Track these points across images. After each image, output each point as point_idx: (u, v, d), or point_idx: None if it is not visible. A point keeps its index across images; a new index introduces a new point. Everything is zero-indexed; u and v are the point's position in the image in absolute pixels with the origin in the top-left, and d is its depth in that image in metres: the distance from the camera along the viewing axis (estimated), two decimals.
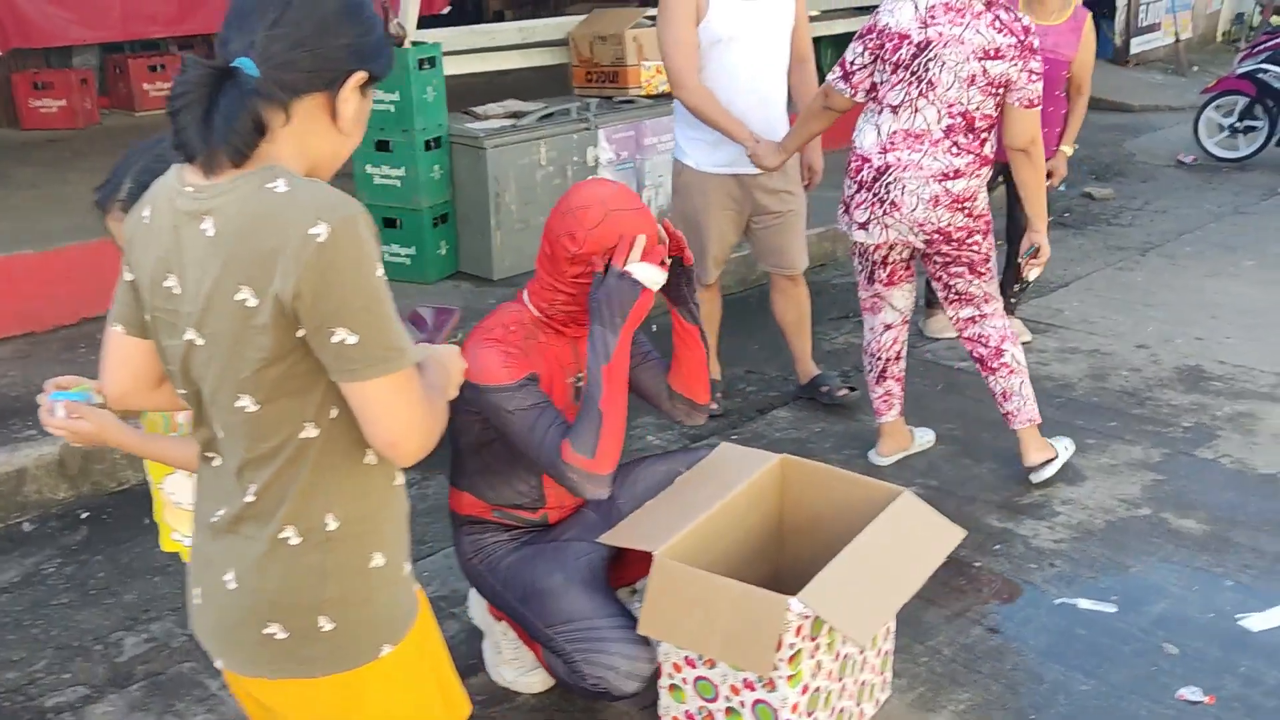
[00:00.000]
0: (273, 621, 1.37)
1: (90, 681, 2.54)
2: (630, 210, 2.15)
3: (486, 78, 5.70)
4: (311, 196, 1.26)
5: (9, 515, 3.25)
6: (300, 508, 1.35)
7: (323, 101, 1.34)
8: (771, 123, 3.66)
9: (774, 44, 3.63)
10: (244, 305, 1.27)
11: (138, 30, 7.05)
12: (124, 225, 1.45)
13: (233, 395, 1.31)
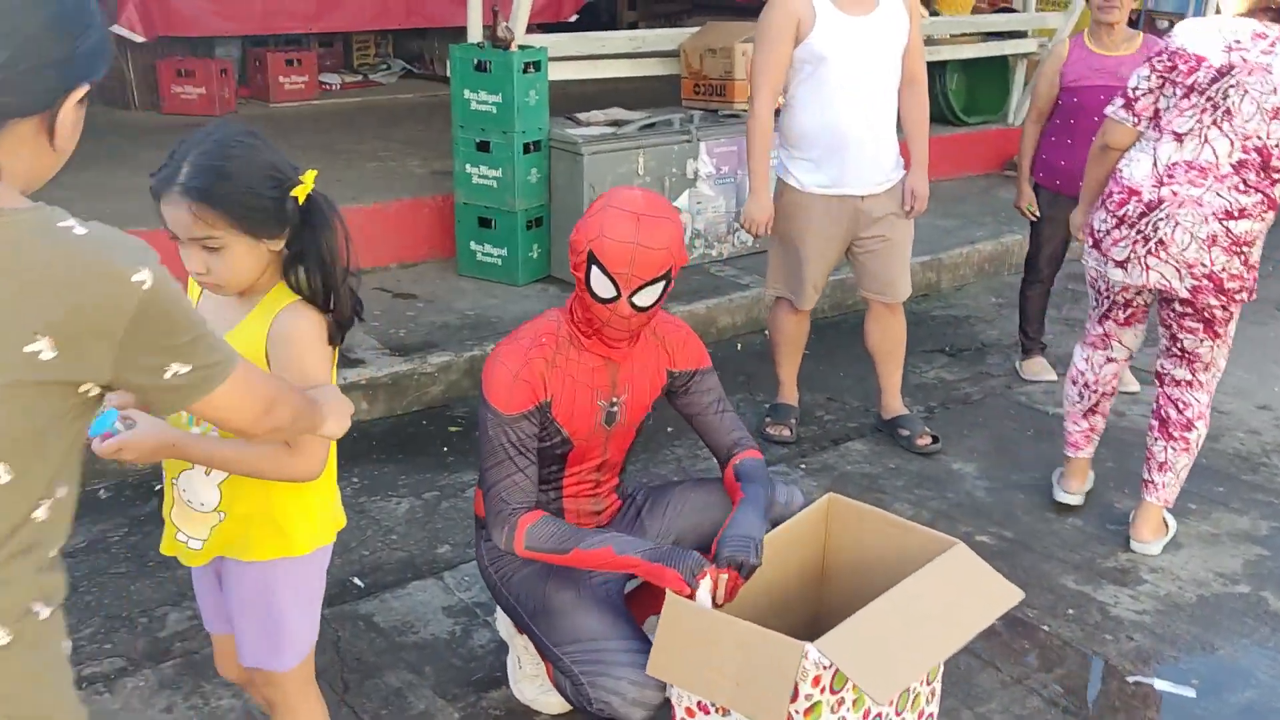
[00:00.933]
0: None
1: (128, 654, 2.61)
2: (627, 212, 2.10)
3: (604, 84, 5.71)
4: (116, 243, 1.18)
5: (88, 481, 3.36)
6: (10, 599, 1.19)
7: (37, 123, 1.20)
8: (879, 147, 3.55)
9: (883, 65, 3.50)
10: (36, 358, 1.12)
11: (277, 25, 7.35)
12: None
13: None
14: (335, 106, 7.52)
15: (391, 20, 7.95)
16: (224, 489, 1.79)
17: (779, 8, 3.42)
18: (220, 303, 1.78)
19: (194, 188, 1.64)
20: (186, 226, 1.67)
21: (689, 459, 3.73)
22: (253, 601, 1.87)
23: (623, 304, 2.13)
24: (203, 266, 1.69)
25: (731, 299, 4.90)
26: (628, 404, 2.30)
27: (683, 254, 2.19)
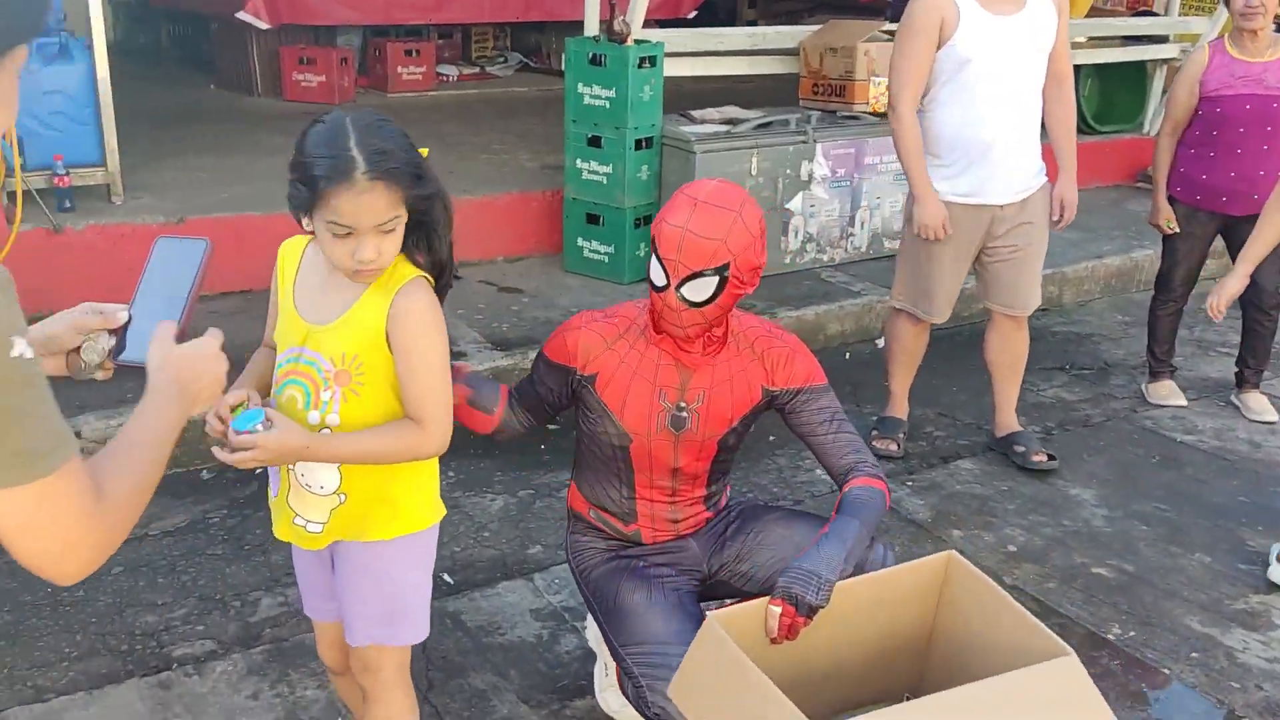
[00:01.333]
0: None
1: (219, 637, 2.62)
2: (694, 203, 1.99)
3: (721, 81, 5.61)
4: None
5: (191, 461, 3.42)
6: None
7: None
8: (1023, 153, 3.38)
9: (1029, 66, 3.33)
10: None
11: (398, 16, 7.45)
12: None
13: None
14: (451, 97, 7.58)
15: (510, 13, 7.98)
16: (343, 472, 1.80)
17: (921, 8, 3.27)
18: (326, 285, 1.77)
19: (383, 171, 1.64)
20: (377, 212, 1.66)
21: (790, 469, 3.61)
22: (373, 580, 1.87)
23: (670, 294, 2.00)
24: (375, 252, 1.68)
25: (842, 306, 4.75)
26: (702, 414, 2.15)
27: (750, 255, 2.00)
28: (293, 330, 1.81)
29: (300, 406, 1.76)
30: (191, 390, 1.32)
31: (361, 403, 1.76)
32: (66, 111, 4.19)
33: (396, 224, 1.70)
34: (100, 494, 1.10)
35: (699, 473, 2.24)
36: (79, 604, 2.71)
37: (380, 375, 1.77)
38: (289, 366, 1.80)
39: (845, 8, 7.79)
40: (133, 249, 4.19)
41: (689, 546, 2.27)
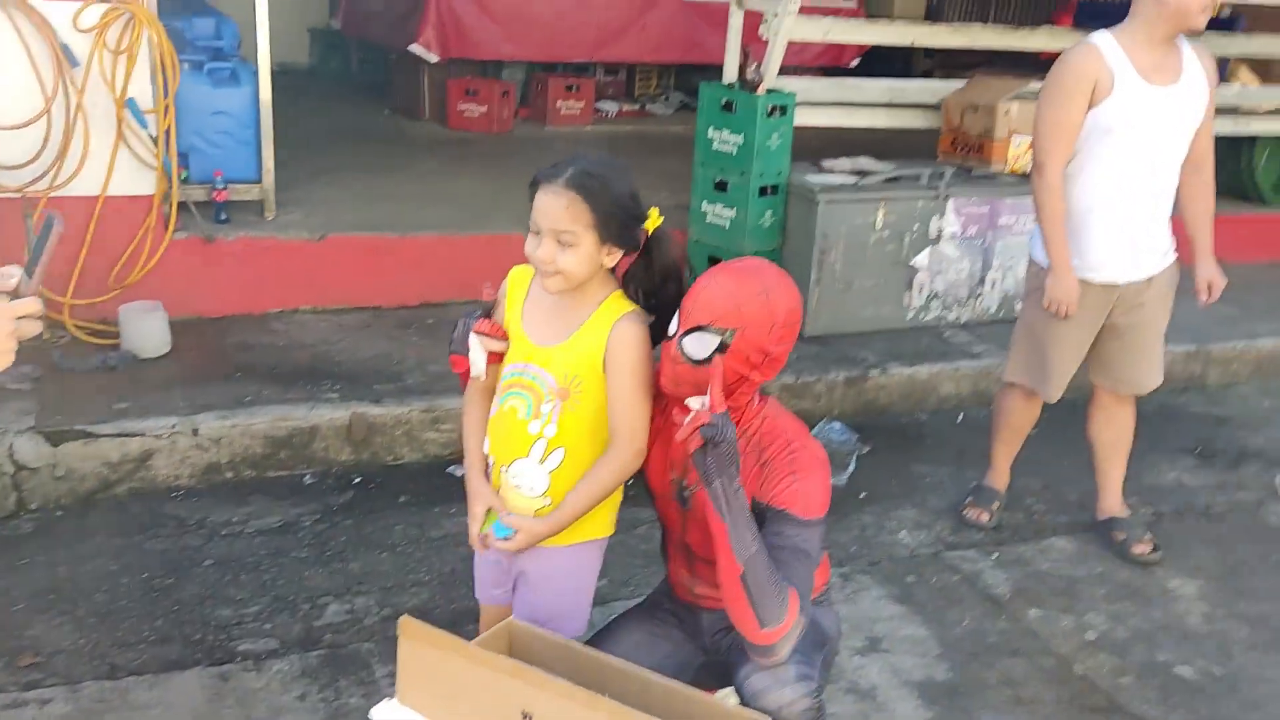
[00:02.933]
0: None
1: (282, 637, 2.77)
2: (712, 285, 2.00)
3: (863, 132, 5.56)
4: None
5: (296, 466, 3.64)
6: None
7: None
8: (1160, 229, 3.23)
9: (1175, 141, 3.16)
10: None
11: (560, 53, 7.71)
12: None
13: None
14: (607, 133, 7.77)
15: (670, 54, 8.13)
16: (553, 477, 2.08)
17: (1072, 69, 3.10)
18: (553, 313, 2.08)
19: (577, 183, 1.95)
20: (556, 216, 1.95)
21: (874, 528, 3.53)
22: (563, 578, 2.16)
23: (673, 342, 1.99)
24: (550, 256, 1.97)
25: (958, 367, 4.62)
26: (702, 500, 2.04)
27: (761, 334, 1.95)
28: (518, 348, 2.09)
29: (521, 416, 2.08)
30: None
31: (576, 416, 2.04)
32: (231, 131, 4.54)
33: (576, 240, 1.97)
34: None
35: (710, 560, 2.14)
36: (168, 590, 2.93)
37: (593, 393, 2.04)
38: (514, 379, 2.08)
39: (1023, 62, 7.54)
40: (276, 261, 4.50)
41: (701, 619, 2.26)
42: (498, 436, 2.14)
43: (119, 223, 4.06)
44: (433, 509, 3.48)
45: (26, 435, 3.28)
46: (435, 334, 4.45)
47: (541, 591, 2.18)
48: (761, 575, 1.88)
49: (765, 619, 1.88)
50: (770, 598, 1.88)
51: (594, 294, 2.07)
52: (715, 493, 1.89)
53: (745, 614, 1.90)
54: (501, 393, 2.12)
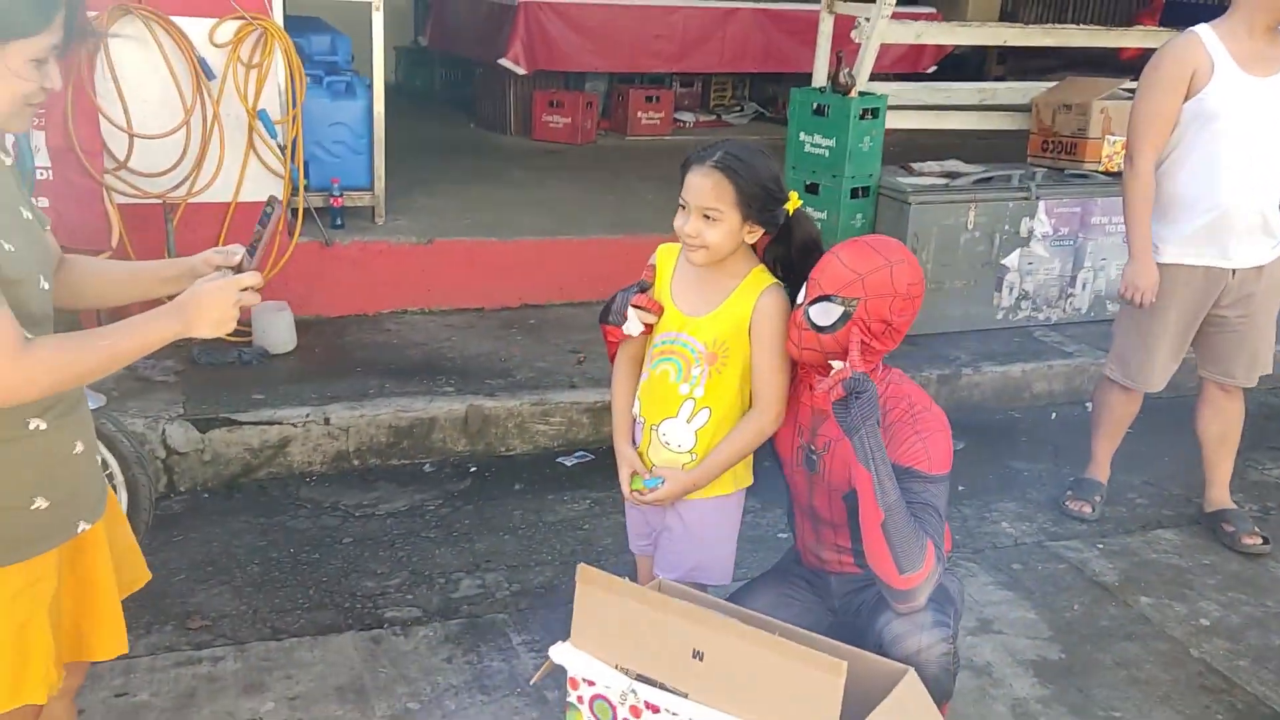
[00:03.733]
0: None
1: (424, 607, 2.94)
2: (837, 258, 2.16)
3: (951, 135, 5.64)
4: None
5: (416, 456, 3.82)
6: None
7: None
8: (1265, 218, 3.27)
9: (1275, 130, 3.20)
10: None
11: (643, 64, 7.89)
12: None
13: None
14: (684, 142, 7.91)
15: (748, 64, 8.27)
16: (700, 434, 2.25)
17: (1173, 57, 3.18)
18: (701, 285, 2.25)
19: (723, 164, 2.13)
20: (704, 193, 2.13)
21: (975, 519, 3.61)
22: (708, 528, 2.34)
23: (800, 310, 2.16)
24: (695, 230, 2.15)
25: (1051, 365, 4.67)
26: (828, 463, 2.25)
27: (883, 304, 2.09)
28: (669, 318, 2.27)
29: (672, 379, 2.25)
30: (191, 315, 1.63)
31: (721, 379, 2.22)
32: (346, 141, 4.77)
33: (720, 216, 2.12)
34: (24, 348, 1.48)
35: (837, 523, 2.31)
36: (314, 564, 3.12)
37: (738, 358, 2.22)
38: (665, 347, 2.27)
39: (1101, 66, 7.57)
40: (387, 264, 4.71)
41: (829, 581, 2.38)
42: (649, 399, 2.31)
43: (248, 227, 4.28)
44: (546, 496, 3.64)
45: (177, 422, 3.50)
46: (538, 333, 4.62)
47: (687, 542, 2.33)
48: (901, 523, 2.00)
49: (904, 565, 2.00)
50: (910, 544, 2.00)
51: (738, 268, 2.23)
52: (859, 443, 2.02)
53: (885, 560, 2.02)
54: (653, 359, 2.30)
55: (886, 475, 2.03)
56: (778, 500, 2.80)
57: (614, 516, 3.49)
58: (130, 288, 1.84)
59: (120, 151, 4.00)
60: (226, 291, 1.65)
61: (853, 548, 2.32)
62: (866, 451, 2.03)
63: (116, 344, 1.59)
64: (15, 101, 1.52)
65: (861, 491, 2.04)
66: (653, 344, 2.31)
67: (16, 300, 1.51)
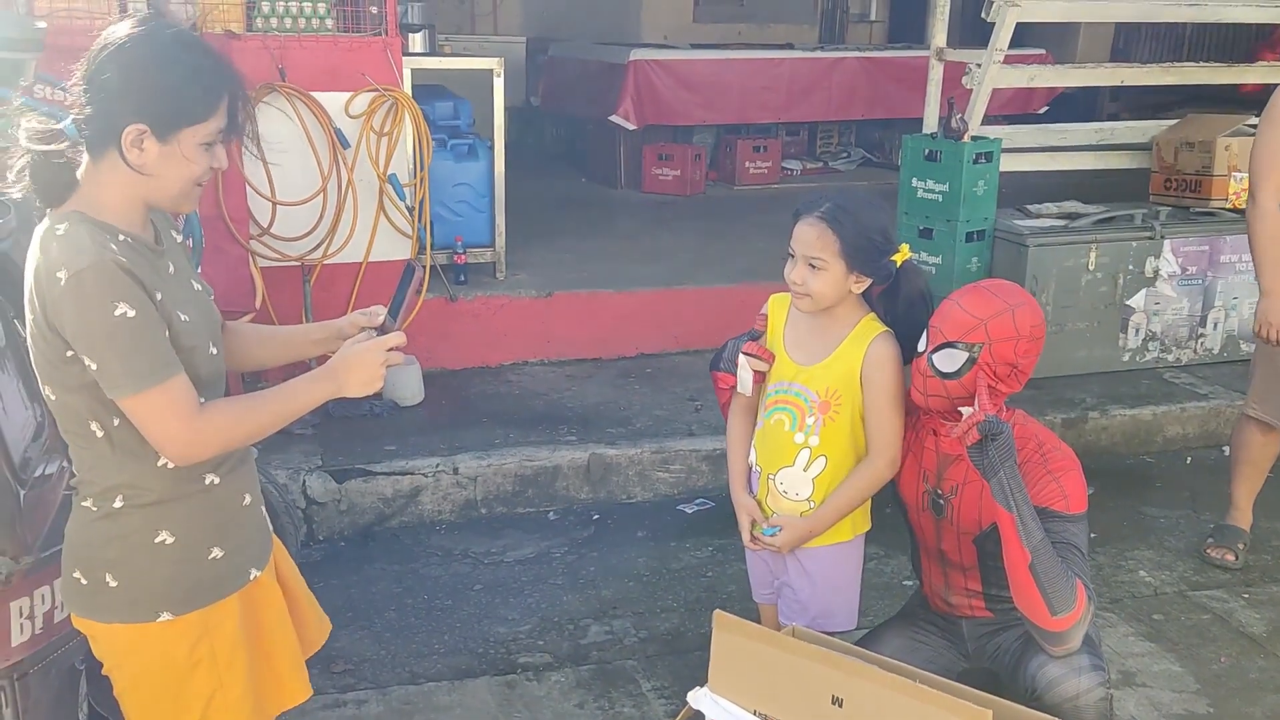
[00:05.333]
0: (77, 568, 1.70)
1: (555, 652, 3.00)
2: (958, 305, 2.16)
3: (1069, 175, 5.57)
4: (66, 244, 1.54)
5: (541, 504, 3.91)
6: (96, 487, 1.67)
7: (115, 153, 1.58)
8: None
9: None
10: (29, 317, 1.61)
11: (750, 116, 8.00)
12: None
13: (42, 382, 1.65)
14: (792, 190, 7.96)
15: (855, 112, 8.31)
16: (817, 482, 2.27)
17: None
18: (812, 335, 2.29)
19: (830, 216, 2.17)
20: (809, 243, 2.18)
21: (1111, 568, 3.51)
22: (829, 575, 2.34)
23: (923, 359, 2.17)
24: (801, 279, 2.20)
25: (1184, 408, 4.53)
26: (957, 507, 2.24)
27: (1007, 348, 2.10)
28: (782, 368, 2.31)
29: (787, 429, 2.29)
30: (342, 377, 1.73)
31: (836, 427, 2.25)
32: (469, 200, 4.96)
33: (825, 266, 2.16)
34: (201, 411, 1.61)
35: (966, 566, 2.30)
36: (448, 610, 3.21)
37: (851, 406, 2.24)
38: (779, 396, 2.31)
39: (1222, 101, 7.37)
40: (508, 317, 4.86)
41: (959, 625, 2.36)
42: (765, 447, 2.34)
43: (379, 285, 4.49)
44: (669, 543, 3.68)
45: (316, 474, 3.67)
46: (655, 382, 4.69)
47: (809, 589, 2.35)
48: (1049, 563, 1.98)
49: (1056, 606, 1.98)
50: (1059, 585, 1.98)
51: (848, 317, 2.26)
52: (998, 485, 2.01)
53: (1036, 602, 2.00)
54: (767, 408, 2.34)
55: (1030, 516, 2.01)
56: (901, 547, 2.79)
57: (737, 564, 3.50)
58: (284, 350, 1.97)
59: (263, 218, 4.25)
60: (373, 353, 1.74)
61: (984, 591, 2.30)
62: (1007, 493, 2.01)
63: (279, 407, 1.71)
64: (186, 183, 1.65)
65: (1005, 534, 2.03)
66: (766, 393, 2.35)
67: (190, 365, 1.64)
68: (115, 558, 1.68)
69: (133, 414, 1.59)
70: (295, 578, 1.99)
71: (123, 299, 1.55)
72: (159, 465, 1.67)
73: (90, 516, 1.69)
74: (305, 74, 4.25)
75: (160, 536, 1.69)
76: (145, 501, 1.68)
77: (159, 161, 1.60)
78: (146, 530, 1.69)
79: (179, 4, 4.16)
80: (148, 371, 1.57)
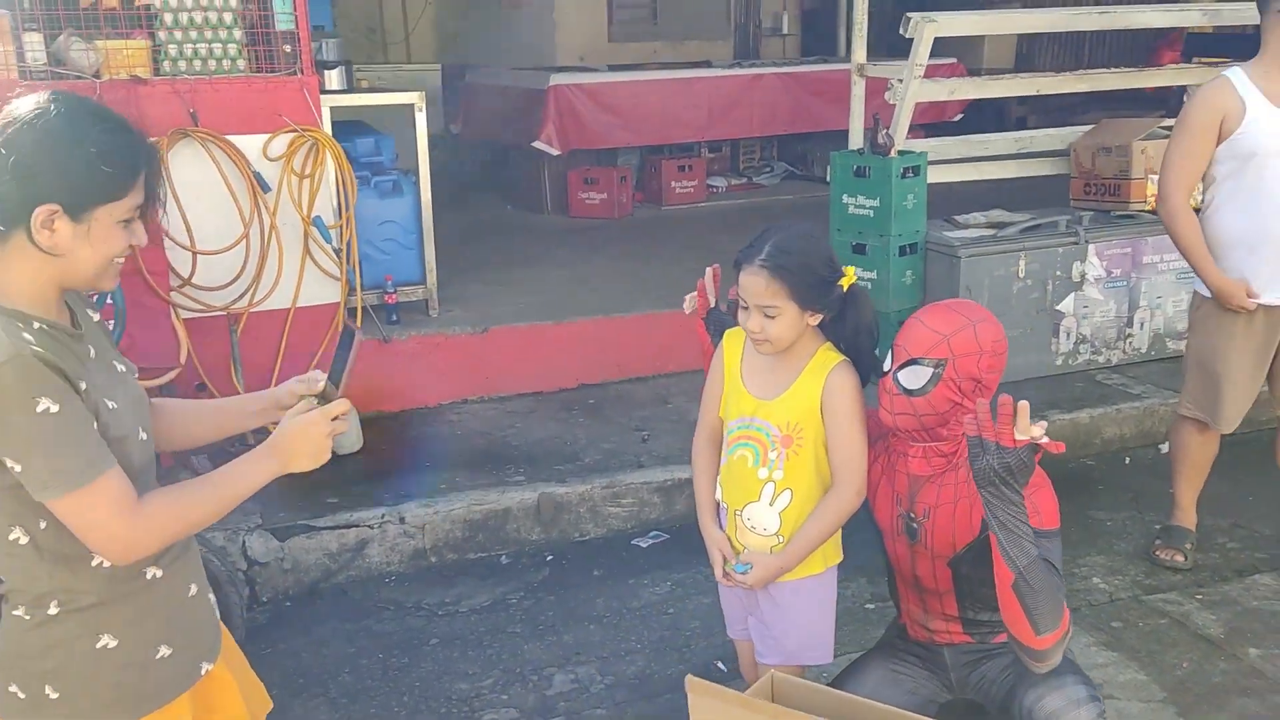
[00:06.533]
0: (12, 682, 1.58)
1: (521, 707, 2.91)
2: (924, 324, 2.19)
3: (989, 184, 5.66)
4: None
5: (492, 548, 3.81)
6: (27, 595, 1.55)
7: (23, 235, 1.47)
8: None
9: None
10: None
11: (673, 135, 8.00)
12: None
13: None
14: (721, 208, 8.00)
15: (777, 127, 8.36)
16: (784, 516, 2.24)
17: (1202, 103, 3.25)
18: (770, 368, 2.26)
19: (772, 262, 2.13)
20: (758, 293, 2.15)
21: (1065, 575, 3.52)
22: (803, 608, 2.30)
23: (889, 377, 2.18)
24: (758, 327, 2.17)
25: (1119, 409, 4.61)
26: (929, 530, 2.22)
27: (970, 362, 2.11)
28: (742, 403, 2.27)
29: (750, 464, 2.25)
30: (287, 454, 1.63)
31: (799, 460, 2.21)
32: (397, 238, 4.85)
33: (779, 311, 2.14)
34: (138, 506, 1.50)
35: (941, 590, 2.29)
36: (405, 669, 3.10)
37: (813, 438, 2.21)
38: (741, 432, 2.26)
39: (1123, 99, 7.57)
40: (445, 356, 4.75)
41: (942, 654, 2.34)
42: (730, 484, 2.30)
43: (309, 330, 4.36)
44: (627, 581, 3.61)
45: (256, 533, 3.52)
46: (599, 413, 4.63)
47: (783, 624, 2.30)
48: (1039, 581, 1.95)
49: (1041, 626, 1.96)
50: (1045, 604, 1.96)
51: (804, 349, 2.24)
52: (988, 498, 1.95)
53: (1019, 620, 1.97)
54: (729, 445, 2.30)
55: (1020, 534, 1.96)
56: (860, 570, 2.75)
57: (698, 599, 3.46)
58: (219, 425, 1.85)
59: (184, 268, 4.09)
60: (318, 425, 1.64)
61: (960, 615, 2.28)
62: (993, 508, 1.96)
63: (224, 493, 1.60)
64: (104, 262, 1.55)
65: (995, 551, 1.98)
66: (728, 430, 2.31)
67: (122, 456, 1.53)
68: (54, 667, 1.56)
69: (66, 516, 1.48)
70: (240, 661, 1.87)
71: (44, 394, 1.43)
72: (94, 566, 1.56)
73: (24, 626, 1.57)
74: (219, 117, 4.10)
75: (102, 641, 1.58)
76: (82, 605, 1.57)
77: (72, 242, 1.49)
78: (86, 636, 1.57)
79: (80, 51, 3.99)
80: (79, 470, 1.46)
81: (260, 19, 4.22)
